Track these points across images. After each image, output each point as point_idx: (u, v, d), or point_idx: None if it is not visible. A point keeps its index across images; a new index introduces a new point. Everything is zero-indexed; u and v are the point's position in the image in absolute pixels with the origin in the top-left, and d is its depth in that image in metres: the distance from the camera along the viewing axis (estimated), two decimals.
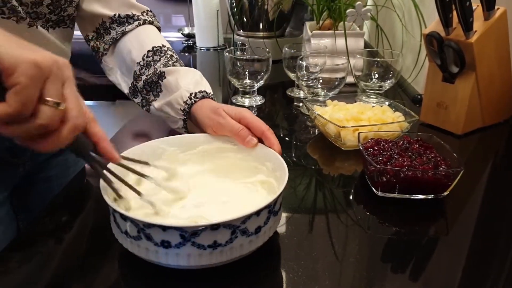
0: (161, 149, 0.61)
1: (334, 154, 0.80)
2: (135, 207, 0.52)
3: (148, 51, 0.74)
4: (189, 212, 0.53)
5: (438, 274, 0.50)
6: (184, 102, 0.69)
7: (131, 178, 0.54)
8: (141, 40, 0.75)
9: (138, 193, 0.51)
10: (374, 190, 0.64)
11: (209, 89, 0.72)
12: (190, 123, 0.71)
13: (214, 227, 0.43)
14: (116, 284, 0.49)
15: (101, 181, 0.49)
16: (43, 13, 0.64)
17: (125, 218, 0.44)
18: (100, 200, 0.46)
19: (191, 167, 0.63)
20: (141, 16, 0.78)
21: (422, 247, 0.55)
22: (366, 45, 1.44)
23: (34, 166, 0.76)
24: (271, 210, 0.48)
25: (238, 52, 1.10)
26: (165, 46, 0.77)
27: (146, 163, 0.55)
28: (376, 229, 0.60)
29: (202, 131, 0.66)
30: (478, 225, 0.60)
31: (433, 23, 0.86)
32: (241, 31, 1.49)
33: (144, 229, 0.43)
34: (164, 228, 0.42)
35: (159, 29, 0.82)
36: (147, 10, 0.81)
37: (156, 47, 0.75)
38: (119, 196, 0.50)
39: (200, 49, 1.67)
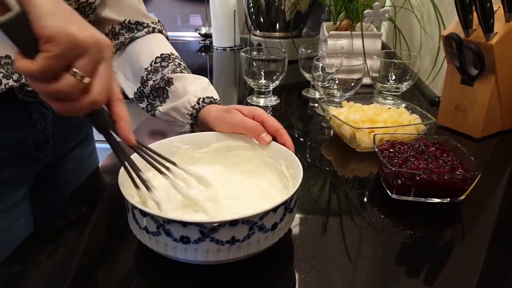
0: (175, 147, 0.62)
1: (349, 155, 0.80)
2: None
3: (157, 57, 0.75)
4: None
5: (453, 279, 0.50)
6: (192, 106, 0.70)
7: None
8: (150, 47, 0.76)
9: (148, 188, 0.50)
10: (389, 193, 0.64)
11: (216, 96, 0.72)
12: (197, 128, 0.72)
13: (233, 223, 0.43)
14: (136, 272, 0.49)
15: (120, 177, 0.50)
16: None
17: (144, 214, 0.45)
18: (115, 194, 0.47)
19: (204, 165, 0.64)
20: (151, 24, 0.79)
21: (437, 251, 0.54)
22: (384, 46, 1.43)
23: (53, 159, 0.78)
24: (287, 207, 0.48)
25: (254, 52, 1.10)
26: (174, 54, 0.77)
27: (173, 163, 0.54)
28: (390, 232, 0.59)
29: None
30: (495, 231, 0.59)
31: (452, 25, 0.85)
32: (258, 31, 1.49)
33: (164, 225, 0.44)
34: (184, 224, 0.43)
35: (167, 38, 0.83)
36: (157, 21, 0.82)
37: (164, 54, 0.76)
38: (136, 187, 0.50)
39: (217, 49, 1.68)
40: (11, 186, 0.70)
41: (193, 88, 0.72)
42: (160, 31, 0.80)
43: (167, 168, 0.53)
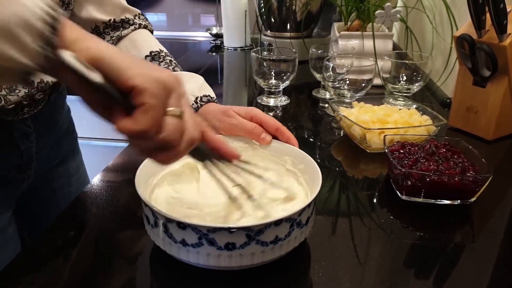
0: None
1: (359, 156, 0.80)
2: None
3: (146, 56, 0.73)
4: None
5: (462, 282, 0.49)
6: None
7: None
8: (137, 45, 0.74)
9: (250, 196, 0.52)
10: (399, 194, 0.63)
11: (212, 94, 0.71)
12: None
13: (278, 222, 0.44)
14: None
15: (139, 190, 0.48)
16: None
17: (184, 226, 0.43)
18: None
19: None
20: (135, 20, 0.76)
21: (446, 253, 0.54)
22: (395, 46, 1.42)
23: (36, 179, 0.74)
24: (315, 201, 0.50)
25: (265, 52, 1.10)
26: (163, 51, 0.75)
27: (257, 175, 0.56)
28: (399, 234, 0.59)
29: None
30: (506, 233, 0.58)
31: (465, 25, 0.84)
32: (268, 31, 1.49)
33: (207, 235, 0.43)
34: (231, 230, 0.42)
35: (151, 32, 0.80)
36: (139, 13, 0.78)
37: (154, 52, 0.74)
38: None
39: (228, 49, 1.68)
40: None
41: (189, 86, 0.70)
42: (145, 27, 0.77)
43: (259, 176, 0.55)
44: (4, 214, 0.69)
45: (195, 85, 0.71)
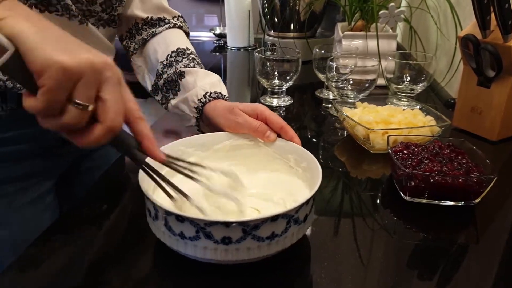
0: (180, 150, 0.61)
1: (362, 157, 0.79)
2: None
3: (172, 51, 0.77)
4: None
5: (466, 283, 0.49)
6: (198, 100, 0.71)
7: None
8: (167, 42, 0.79)
9: (186, 196, 0.49)
10: (402, 195, 0.63)
11: (224, 92, 0.73)
12: (202, 123, 0.73)
13: (274, 218, 0.44)
14: (150, 272, 0.50)
15: (142, 183, 0.48)
16: (96, 11, 0.68)
17: (182, 219, 0.44)
18: (138, 189, 0.47)
19: (216, 164, 0.63)
20: (171, 20, 0.82)
21: (450, 255, 0.54)
22: (399, 47, 1.42)
23: (80, 156, 0.81)
24: (314, 198, 0.50)
25: (268, 52, 1.10)
26: (189, 49, 0.80)
27: (199, 165, 0.53)
28: (402, 234, 0.59)
29: (215, 131, 0.66)
30: (511, 235, 0.58)
31: (470, 26, 0.84)
32: (272, 31, 1.49)
33: (204, 228, 0.43)
34: (228, 224, 0.43)
35: (187, 34, 0.85)
36: (179, 16, 0.84)
37: (180, 49, 0.78)
38: (171, 197, 0.48)
39: (231, 49, 1.68)
40: (36, 179, 0.72)
41: (202, 82, 0.73)
42: (180, 27, 0.83)
43: (195, 172, 0.51)
44: (44, 183, 0.75)
45: (208, 82, 0.74)
